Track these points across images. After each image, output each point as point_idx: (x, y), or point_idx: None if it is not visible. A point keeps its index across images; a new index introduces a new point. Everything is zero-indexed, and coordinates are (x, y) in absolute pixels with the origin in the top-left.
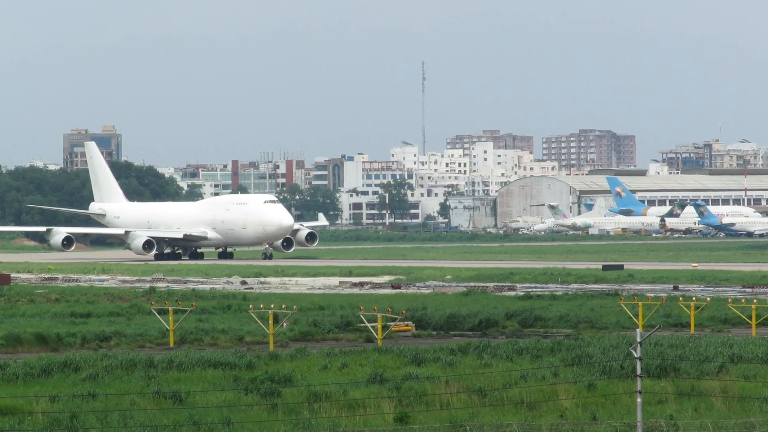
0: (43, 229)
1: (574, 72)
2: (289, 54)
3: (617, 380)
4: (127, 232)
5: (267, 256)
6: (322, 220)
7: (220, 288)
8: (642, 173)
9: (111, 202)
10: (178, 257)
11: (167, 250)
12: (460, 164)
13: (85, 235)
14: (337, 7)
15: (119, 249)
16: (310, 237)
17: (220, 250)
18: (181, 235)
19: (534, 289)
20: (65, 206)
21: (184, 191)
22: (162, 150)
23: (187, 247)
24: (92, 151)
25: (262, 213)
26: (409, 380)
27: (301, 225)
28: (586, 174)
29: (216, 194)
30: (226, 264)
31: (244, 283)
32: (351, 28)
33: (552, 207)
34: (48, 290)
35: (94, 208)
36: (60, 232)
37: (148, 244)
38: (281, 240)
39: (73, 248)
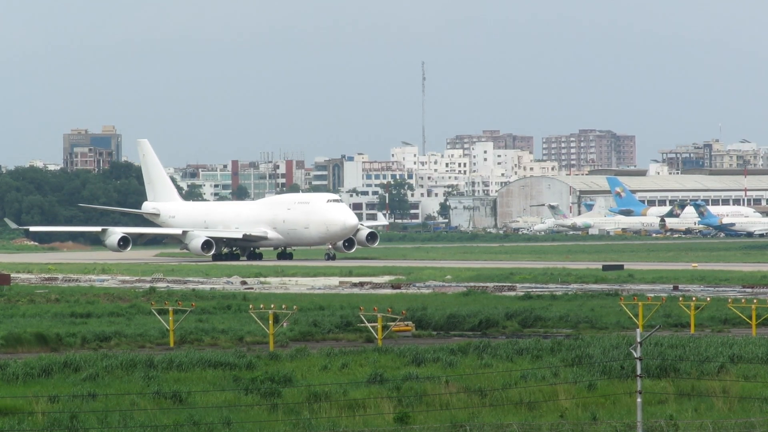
0: (98, 229)
1: (574, 72)
2: (289, 54)
3: (617, 380)
4: (184, 232)
5: (330, 257)
6: (381, 220)
7: (220, 288)
8: (642, 173)
9: (165, 201)
10: (236, 258)
11: (225, 251)
12: (460, 164)
13: (141, 235)
14: (337, 7)
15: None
16: (371, 237)
17: (279, 250)
18: (240, 235)
19: (534, 289)
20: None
21: (184, 191)
22: (162, 150)
23: (246, 247)
24: (145, 149)
25: (326, 212)
26: (409, 380)
27: (362, 225)
28: (586, 174)
29: (216, 195)
30: (227, 264)
31: (244, 283)
32: (351, 28)
33: (552, 207)
34: (48, 290)
35: (147, 207)
36: (116, 233)
37: (206, 245)
38: (342, 240)
39: (129, 249)
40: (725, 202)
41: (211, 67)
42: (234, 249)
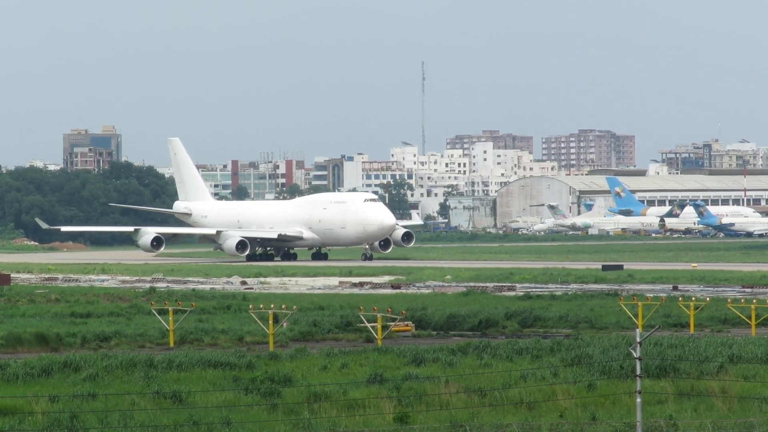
0: (130, 229)
1: (574, 72)
2: (289, 54)
3: (617, 380)
4: (218, 232)
5: (367, 257)
6: (416, 219)
7: (220, 288)
8: (642, 173)
9: (197, 200)
10: (270, 258)
11: (259, 251)
12: (459, 164)
13: (174, 235)
14: (337, 7)
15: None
16: (407, 237)
17: (314, 250)
18: (275, 235)
19: (534, 289)
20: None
21: None
22: (162, 150)
23: (281, 247)
24: (177, 147)
25: (363, 212)
26: (409, 380)
27: (397, 224)
28: (586, 174)
29: (216, 194)
30: (225, 264)
31: (244, 283)
32: (351, 28)
33: (552, 207)
34: (48, 290)
35: (178, 207)
36: (148, 233)
37: (241, 245)
38: (379, 240)
39: (162, 249)
40: (725, 202)
41: (211, 67)
42: (268, 249)
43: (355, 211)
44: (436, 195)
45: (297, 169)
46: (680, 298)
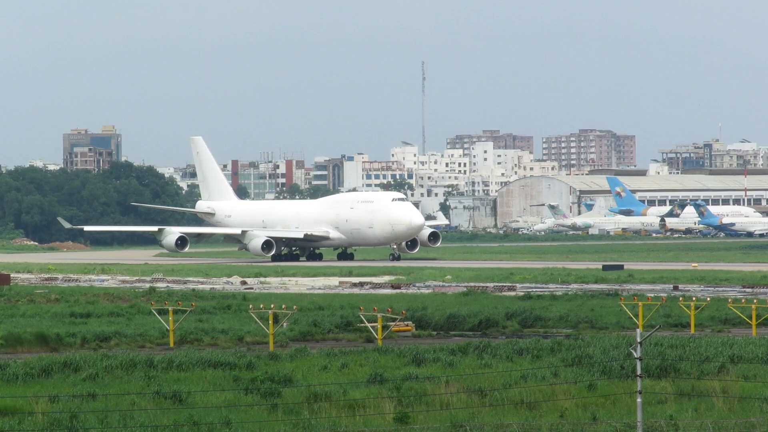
0: (154, 228)
1: (574, 72)
2: (289, 54)
3: (617, 380)
4: (243, 232)
5: (395, 257)
6: (441, 219)
7: (220, 288)
8: (642, 173)
9: (220, 200)
10: (295, 258)
11: (284, 251)
12: (460, 164)
13: (199, 235)
14: (336, 7)
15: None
16: (433, 237)
17: (339, 250)
18: (301, 235)
19: (534, 289)
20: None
21: (183, 191)
22: (162, 150)
23: (306, 247)
24: (199, 146)
25: (391, 211)
26: (409, 380)
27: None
28: (586, 174)
29: None
30: (227, 264)
31: (244, 283)
32: (351, 28)
33: (552, 207)
34: (48, 290)
35: (201, 206)
36: (173, 232)
37: (266, 245)
38: (406, 240)
39: (187, 248)
40: (725, 202)
41: (211, 67)
42: (293, 249)
43: (383, 210)
44: (436, 195)
45: (297, 169)
46: (681, 298)
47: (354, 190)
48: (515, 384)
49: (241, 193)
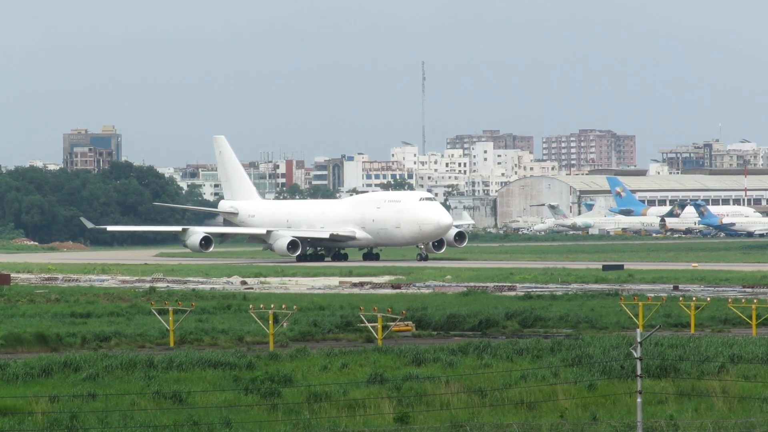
0: (178, 228)
1: (574, 72)
2: (290, 54)
3: (617, 380)
4: (268, 232)
5: (423, 257)
6: (466, 219)
7: (220, 288)
8: (642, 173)
9: (243, 199)
10: (321, 258)
11: (310, 251)
12: (460, 164)
13: (222, 235)
14: (337, 7)
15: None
16: (459, 237)
17: (365, 251)
18: (327, 235)
19: (534, 289)
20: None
21: (183, 191)
22: (162, 150)
23: (331, 247)
24: (222, 145)
25: (418, 211)
26: (409, 380)
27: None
28: (586, 174)
29: (216, 194)
30: (227, 264)
31: (244, 283)
32: (351, 28)
33: (552, 207)
34: (48, 290)
35: (224, 206)
36: (197, 232)
37: (292, 245)
38: (434, 240)
39: (211, 248)
40: (725, 202)
41: (211, 67)
42: (318, 249)
43: (411, 210)
44: (436, 195)
45: (297, 169)
46: (681, 298)
47: (354, 190)
48: (515, 384)
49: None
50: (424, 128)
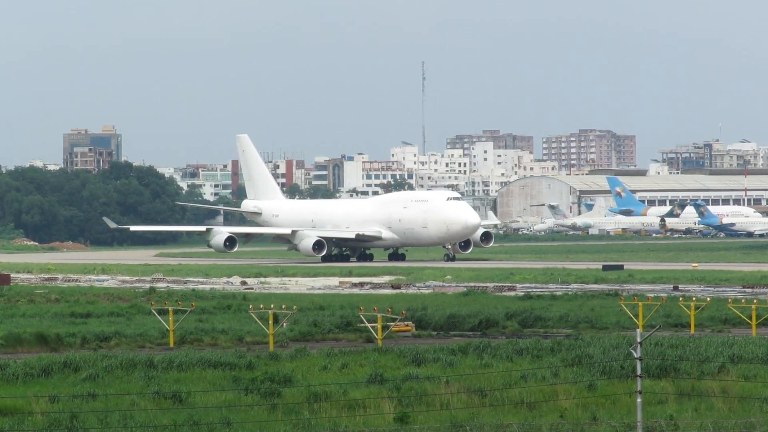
0: (202, 228)
1: (574, 72)
2: (289, 54)
3: (617, 380)
4: (293, 232)
5: (450, 258)
6: (492, 219)
7: (220, 288)
8: (642, 173)
9: (267, 199)
10: (346, 259)
11: (335, 252)
12: (460, 164)
13: (247, 234)
14: (337, 7)
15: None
16: (485, 237)
17: (391, 251)
18: (353, 235)
19: (534, 289)
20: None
21: (184, 191)
22: (162, 150)
23: (357, 247)
24: (245, 144)
25: (446, 211)
26: (409, 380)
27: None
28: (586, 174)
29: (216, 194)
30: (227, 264)
31: (244, 283)
32: (351, 28)
33: (552, 207)
34: (48, 290)
35: (247, 206)
36: (221, 232)
37: (318, 245)
38: (461, 240)
39: (236, 249)
40: (725, 202)
41: (211, 67)
42: (344, 250)
43: (438, 210)
44: None
45: (297, 169)
46: (681, 298)
47: (354, 190)
48: (515, 384)
49: (241, 193)
50: (424, 128)
